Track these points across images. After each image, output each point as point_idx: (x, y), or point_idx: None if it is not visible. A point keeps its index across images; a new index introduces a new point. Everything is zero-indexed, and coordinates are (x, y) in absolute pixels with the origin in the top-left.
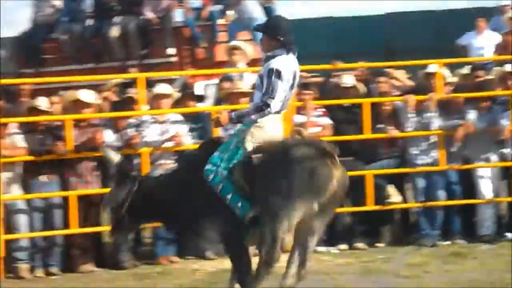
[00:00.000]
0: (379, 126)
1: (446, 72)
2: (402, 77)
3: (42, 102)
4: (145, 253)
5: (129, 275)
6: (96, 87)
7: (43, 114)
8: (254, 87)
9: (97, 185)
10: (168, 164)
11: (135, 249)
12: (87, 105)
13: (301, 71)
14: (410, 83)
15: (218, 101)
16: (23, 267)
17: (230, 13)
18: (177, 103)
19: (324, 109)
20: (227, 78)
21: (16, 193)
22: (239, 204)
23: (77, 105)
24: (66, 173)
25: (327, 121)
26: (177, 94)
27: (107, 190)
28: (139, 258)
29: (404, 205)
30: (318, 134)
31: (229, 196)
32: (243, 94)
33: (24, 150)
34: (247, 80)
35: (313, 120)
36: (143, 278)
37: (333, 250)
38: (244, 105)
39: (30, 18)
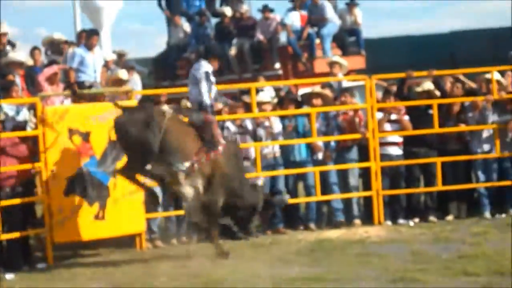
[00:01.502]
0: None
1: (500, 77)
2: (468, 81)
3: (166, 108)
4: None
5: (247, 245)
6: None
7: None
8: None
9: None
10: None
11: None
12: None
13: (382, 79)
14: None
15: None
16: None
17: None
18: (279, 105)
19: (405, 109)
20: (328, 85)
21: None
22: None
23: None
24: None
25: (407, 118)
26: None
27: None
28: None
29: (468, 185)
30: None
31: None
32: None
33: None
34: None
35: (391, 117)
36: (258, 247)
37: (410, 222)
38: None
39: (166, 42)
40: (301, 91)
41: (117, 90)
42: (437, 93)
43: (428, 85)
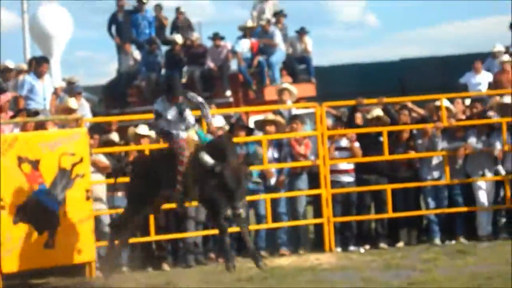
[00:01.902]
0: (398, 149)
1: (449, 104)
2: (417, 109)
3: (114, 136)
4: None
5: (198, 272)
6: None
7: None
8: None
9: None
10: None
11: None
12: (143, 136)
13: (332, 107)
14: (422, 113)
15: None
16: None
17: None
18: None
19: (355, 136)
20: (278, 113)
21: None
22: None
23: (137, 137)
24: None
25: (357, 145)
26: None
27: None
28: None
29: (418, 212)
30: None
31: None
32: (271, 122)
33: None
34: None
35: (342, 143)
36: (209, 274)
37: (361, 249)
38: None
39: (116, 69)
40: (252, 118)
41: (67, 117)
42: (387, 120)
43: (377, 111)
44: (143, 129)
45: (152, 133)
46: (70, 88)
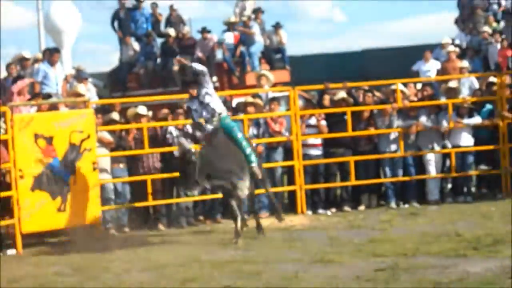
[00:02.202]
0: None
1: (403, 88)
2: (377, 93)
3: (116, 115)
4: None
5: (188, 232)
6: (164, 105)
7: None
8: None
9: None
10: None
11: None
12: (144, 116)
13: (304, 91)
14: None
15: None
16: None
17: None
18: None
19: (323, 115)
20: (257, 96)
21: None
22: None
23: (136, 117)
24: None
25: (324, 123)
26: None
27: None
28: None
29: (377, 180)
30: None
31: None
32: (251, 104)
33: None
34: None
35: (309, 123)
36: (198, 234)
37: (328, 212)
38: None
39: (118, 59)
40: (235, 100)
41: (76, 100)
42: (351, 101)
43: (342, 94)
44: (142, 109)
45: (149, 113)
46: (78, 75)
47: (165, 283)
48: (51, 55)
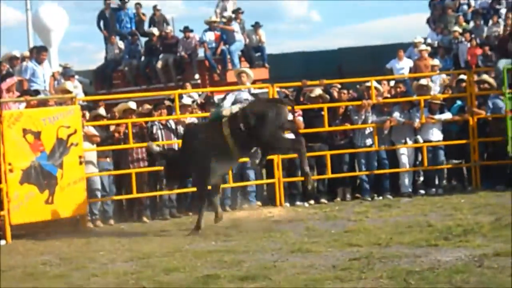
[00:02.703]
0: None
1: (378, 85)
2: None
3: (102, 111)
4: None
5: (171, 224)
6: (147, 102)
7: (103, 119)
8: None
9: None
10: None
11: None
12: (134, 110)
13: (282, 87)
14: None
15: None
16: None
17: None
18: (202, 108)
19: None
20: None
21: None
22: None
23: (127, 112)
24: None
25: (300, 119)
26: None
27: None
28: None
29: (353, 173)
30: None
31: None
32: None
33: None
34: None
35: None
36: (181, 225)
37: (305, 204)
38: None
39: (104, 57)
40: (216, 97)
41: (63, 96)
42: (327, 97)
43: (318, 91)
44: (133, 104)
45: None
46: (65, 72)
47: (149, 273)
48: (39, 53)
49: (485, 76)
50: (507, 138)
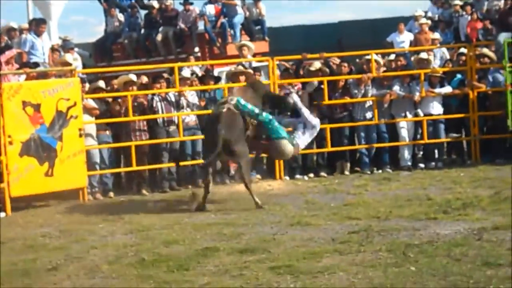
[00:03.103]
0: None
1: (379, 58)
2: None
3: (101, 84)
4: None
5: (171, 196)
6: (147, 75)
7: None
8: None
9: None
10: None
11: None
12: (135, 83)
13: (283, 60)
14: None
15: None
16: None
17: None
18: (201, 81)
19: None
20: (241, 64)
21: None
22: None
23: (128, 84)
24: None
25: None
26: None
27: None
28: None
29: (352, 147)
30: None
31: None
32: (241, 73)
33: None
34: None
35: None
36: (181, 198)
37: (305, 177)
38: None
39: (104, 30)
40: (216, 70)
41: (63, 69)
42: (326, 71)
43: (317, 64)
44: (134, 76)
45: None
46: (64, 45)
47: (148, 245)
48: (38, 25)
49: (485, 50)
50: (507, 112)
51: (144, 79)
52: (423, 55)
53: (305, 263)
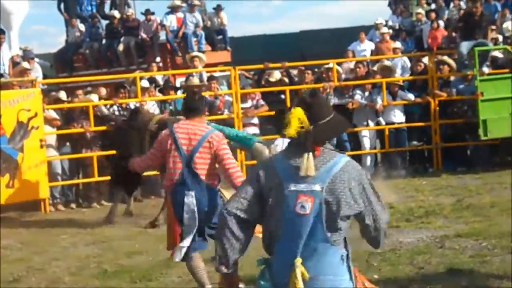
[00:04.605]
0: None
1: (339, 68)
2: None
3: (62, 95)
4: None
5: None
6: (109, 85)
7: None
8: None
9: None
10: None
11: None
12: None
13: (243, 70)
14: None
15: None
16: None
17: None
18: (161, 92)
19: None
20: (191, 75)
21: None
22: None
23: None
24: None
25: (262, 102)
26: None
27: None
28: None
29: None
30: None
31: None
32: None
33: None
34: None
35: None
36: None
37: None
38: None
39: (65, 40)
40: (178, 80)
41: (23, 79)
42: (287, 80)
43: (277, 74)
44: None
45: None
46: (25, 55)
47: (111, 256)
48: None
49: (445, 58)
50: (478, 121)
51: (103, 91)
52: (387, 62)
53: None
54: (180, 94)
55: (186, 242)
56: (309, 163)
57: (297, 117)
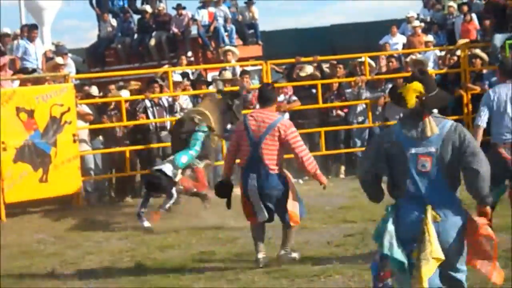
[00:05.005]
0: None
1: (371, 61)
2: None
3: (94, 90)
4: None
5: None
6: (140, 79)
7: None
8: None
9: None
10: None
11: None
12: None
13: (275, 64)
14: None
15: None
16: None
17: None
18: (193, 86)
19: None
20: (224, 69)
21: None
22: None
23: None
24: None
25: (294, 98)
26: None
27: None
28: None
29: (347, 150)
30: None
31: None
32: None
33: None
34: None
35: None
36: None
37: (299, 180)
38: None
39: (97, 35)
40: (210, 74)
41: (56, 74)
42: (318, 75)
43: (309, 69)
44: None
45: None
46: (58, 50)
47: (144, 250)
48: (30, 31)
49: (477, 51)
50: None
51: (134, 84)
52: (419, 56)
53: (300, 267)
54: (211, 88)
55: (261, 218)
56: (431, 125)
57: (414, 89)
